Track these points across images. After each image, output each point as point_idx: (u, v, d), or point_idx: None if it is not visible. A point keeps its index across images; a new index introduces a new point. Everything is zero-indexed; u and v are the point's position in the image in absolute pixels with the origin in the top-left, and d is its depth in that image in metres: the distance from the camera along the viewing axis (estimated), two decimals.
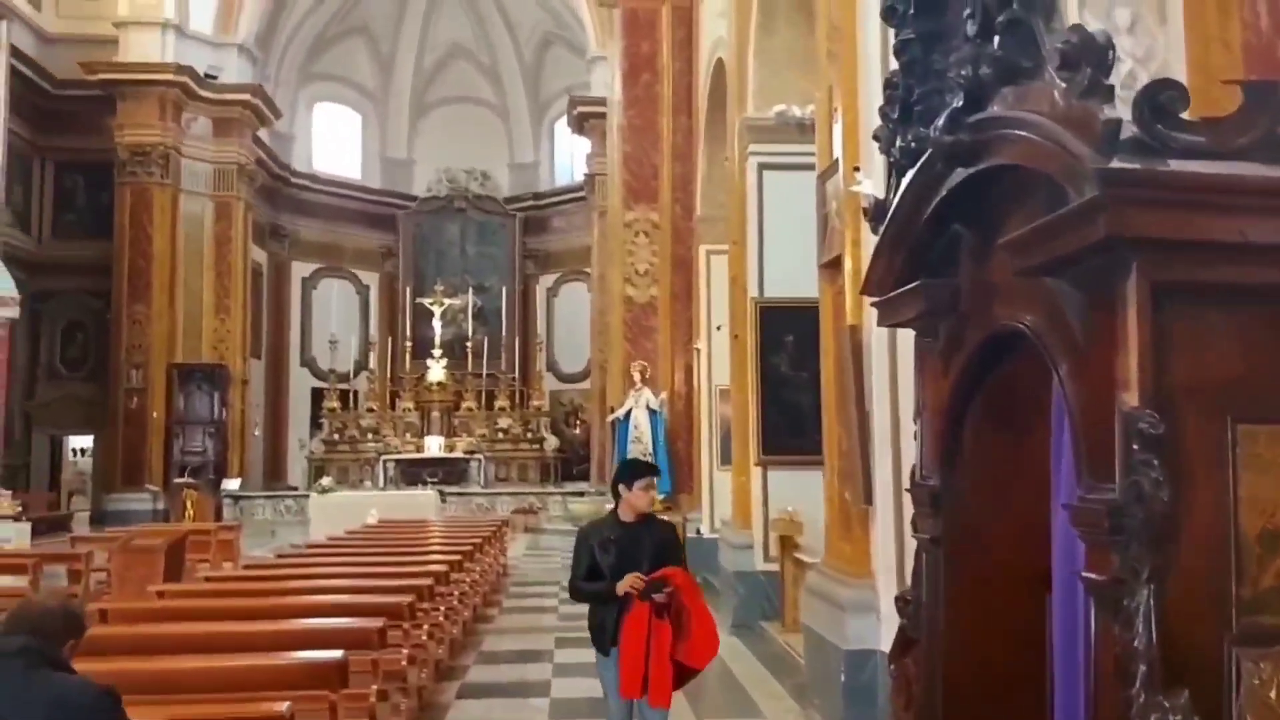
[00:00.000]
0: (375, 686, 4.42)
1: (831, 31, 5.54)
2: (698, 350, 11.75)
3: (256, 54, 23.34)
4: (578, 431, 26.13)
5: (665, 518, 4.86)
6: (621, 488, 4.19)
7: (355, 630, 4.53)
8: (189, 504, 17.01)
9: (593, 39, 22.32)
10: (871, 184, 4.95)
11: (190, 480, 18.38)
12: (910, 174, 1.88)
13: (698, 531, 11.51)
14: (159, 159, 20.88)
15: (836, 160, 5.29)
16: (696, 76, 12.19)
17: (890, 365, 4.88)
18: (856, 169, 4.95)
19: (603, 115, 20.56)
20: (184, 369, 20.97)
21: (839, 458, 5.46)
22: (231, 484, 20.29)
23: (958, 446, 1.94)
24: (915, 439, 2.16)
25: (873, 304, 2.18)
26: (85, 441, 22.43)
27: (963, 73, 1.58)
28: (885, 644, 4.87)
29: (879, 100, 5.09)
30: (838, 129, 5.36)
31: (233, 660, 3.97)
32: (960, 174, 1.68)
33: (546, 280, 28.62)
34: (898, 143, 1.95)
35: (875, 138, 2.02)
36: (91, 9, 21.86)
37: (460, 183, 27.88)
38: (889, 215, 2.07)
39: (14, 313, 13.16)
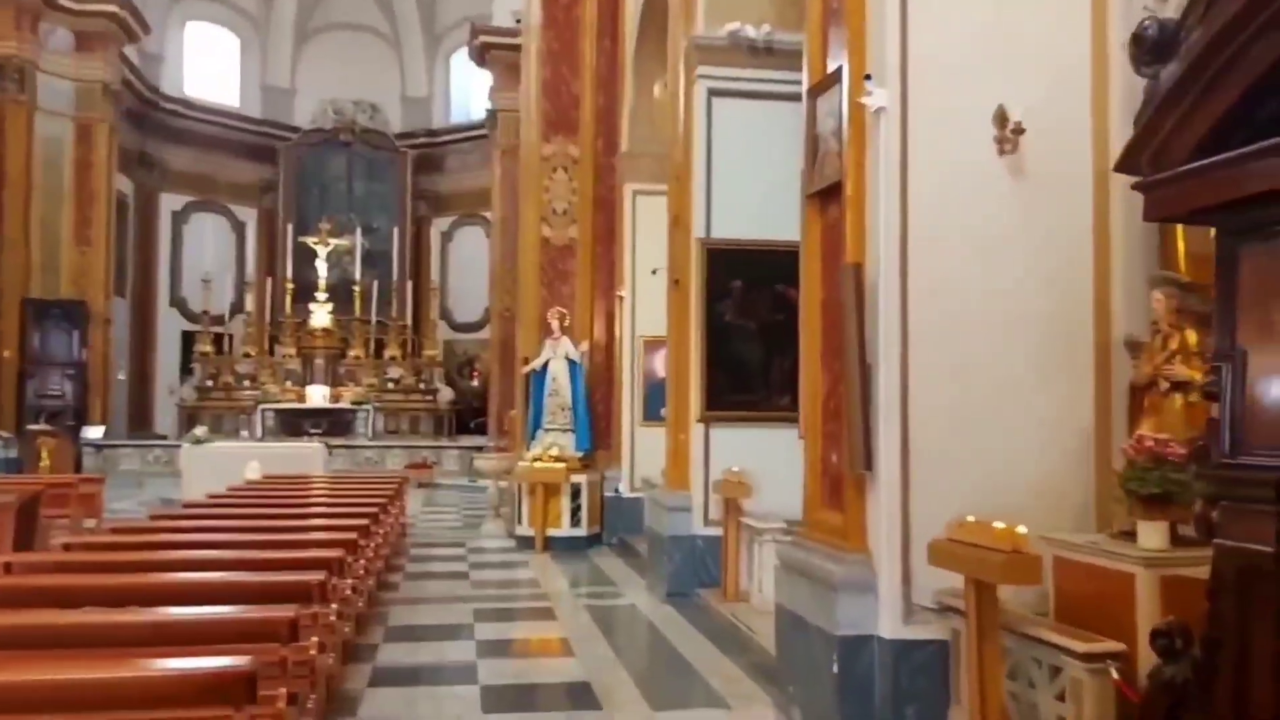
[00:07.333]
0: (284, 690, 3.55)
1: None
2: (620, 297, 10.96)
3: None
4: (474, 383, 25.08)
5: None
6: None
7: (261, 622, 3.63)
8: (45, 452, 15.49)
9: None
10: (885, 94, 4.24)
11: (47, 427, 16.72)
12: None
13: (616, 490, 10.85)
14: (13, 73, 18.92)
15: (836, 70, 4.54)
16: None
17: (901, 310, 4.21)
18: (868, 76, 4.22)
19: (506, 47, 19.37)
20: (39, 305, 19.10)
21: (823, 417, 4.79)
22: (93, 431, 18.64)
23: None
24: (1222, 400, 1.40)
25: (1144, 184, 1.37)
26: None
27: None
28: (883, 629, 4.26)
29: None
30: (835, 34, 4.62)
31: (98, 669, 3.02)
32: None
33: (441, 223, 27.25)
34: None
35: None
36: None
37: (347, 114, 26.19)
38: (1187, 45, 1.29)
39: None
